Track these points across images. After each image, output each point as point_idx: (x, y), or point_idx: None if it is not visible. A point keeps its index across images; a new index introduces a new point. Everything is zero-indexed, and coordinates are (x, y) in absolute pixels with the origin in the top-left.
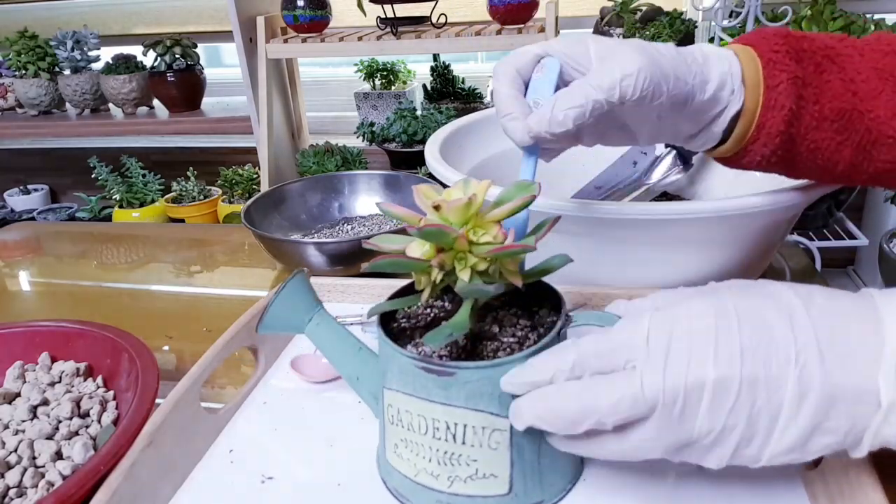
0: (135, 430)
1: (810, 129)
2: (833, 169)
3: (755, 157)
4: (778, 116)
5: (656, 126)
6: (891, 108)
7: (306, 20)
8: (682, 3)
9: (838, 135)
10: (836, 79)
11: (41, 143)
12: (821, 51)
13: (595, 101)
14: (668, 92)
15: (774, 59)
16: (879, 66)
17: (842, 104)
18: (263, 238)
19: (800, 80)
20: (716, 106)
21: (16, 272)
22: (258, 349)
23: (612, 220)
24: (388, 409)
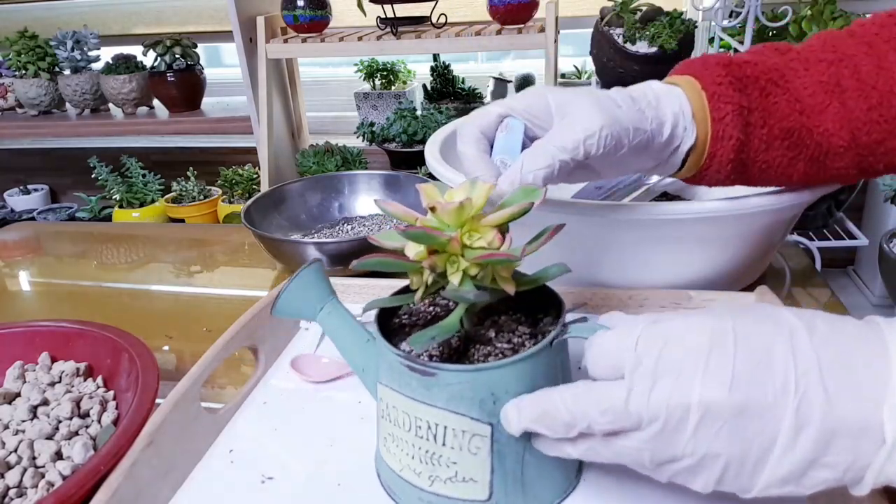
0: (135, 430)
1: (760, 151)
2: (788, 180)
3: (711, 180)
4: (727, 146)
5: (619, 167)
6: (839, 120)
7: (306, 20)
8: (682, 3)
9: (790, 151)
10: (782, 100)
11: (41, 143)
12: (764, 75)
13: (561, 160)
14: (629, 143)
15: (718, 92)
16: (824, 80)
17: (790, 124)
18: (263, 238)
19: (745, 109)
20: (672, 143)
21: (16, 272)
22: (258, 349)
23: (612, 220)
24: (380, 403)
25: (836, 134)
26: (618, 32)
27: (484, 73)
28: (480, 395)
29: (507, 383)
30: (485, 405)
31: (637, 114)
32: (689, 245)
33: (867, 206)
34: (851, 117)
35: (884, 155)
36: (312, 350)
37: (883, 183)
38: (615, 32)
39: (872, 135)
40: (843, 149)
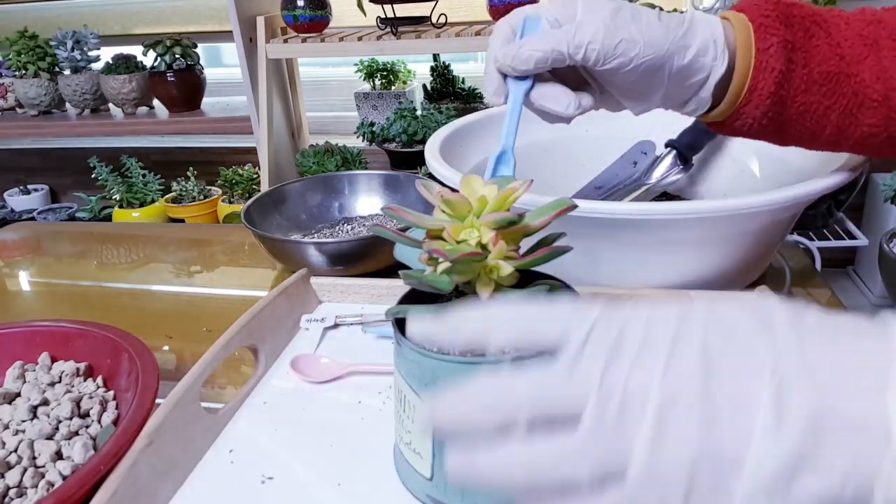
0: (135, 430)
1: (799, 91)
2: (821, 133)
3: (747, 119)
4: (769, 78)
5: (637, 91)
6: (875, 73)
7: (306, 20)
8: (682, 4)
9: (826, 98)
10: (823, 43)
11: (41, 143)
12: (809, 17)
13: (558, 51)
14: (639, 58)
15: (765, 24)
16: (864, 34)
17: (829, 67)
18: (263, 238)
19: (789, 44)
20: (698, 72)
21: (16, 272)
22: (258, 349)
23: (612, 220)
24: None
25: (871, 86)
26: None
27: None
28: (426, 379)
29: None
30: (429, 389)
31: (657, 30)
32: (689, 245)
33: (867, 206)
34: (886, 75)
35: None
36: (312, 350)
37: (883, 183)
38: None
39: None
40: (877, 103)
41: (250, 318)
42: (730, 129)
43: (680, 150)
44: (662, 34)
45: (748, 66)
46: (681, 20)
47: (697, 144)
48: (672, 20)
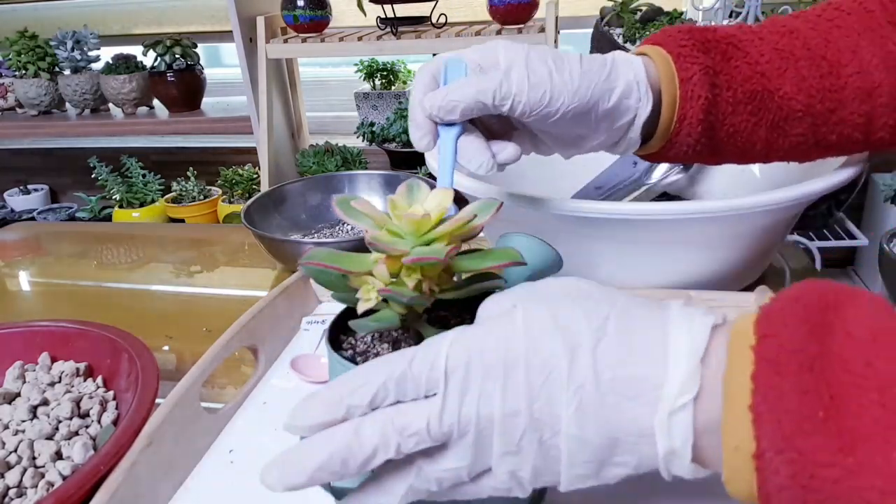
0: (135, 430)
1: (727, 114)
2: (752, 149)
3: (681, 147)
4: (696, 106)
5: (565, 136)
6: (796, 84)
7: (306, 20)
8: (682, 3)
9: (753, 116)
10: (742, 63)
11: (41, 143)
12: (724, 39)
13: (482, 103)
14: (564, 107)
15: (683, 53)
16: (779, 47)
17: (752, 86)
18: (263, 238)
19: (710, 70)
20: (625, 114)
21: (16, 272)
22: (258, 349)
23: (612, 220)
24: None
25: (794, 98)
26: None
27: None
28: None
29: None
30: None
31: (580, 79)
32: (688, 245)
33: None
34: (805, 84)
35: (836, 125)
36: (312, 350)
37: (883, 183)
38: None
39: (825, 103)
40: (801, 113)
41: (250, 318)
42: (664, 159)
43: None
44: (586, 81)
45: (674, 98)
46: (602, 63)
47: None
48: (593, 64)
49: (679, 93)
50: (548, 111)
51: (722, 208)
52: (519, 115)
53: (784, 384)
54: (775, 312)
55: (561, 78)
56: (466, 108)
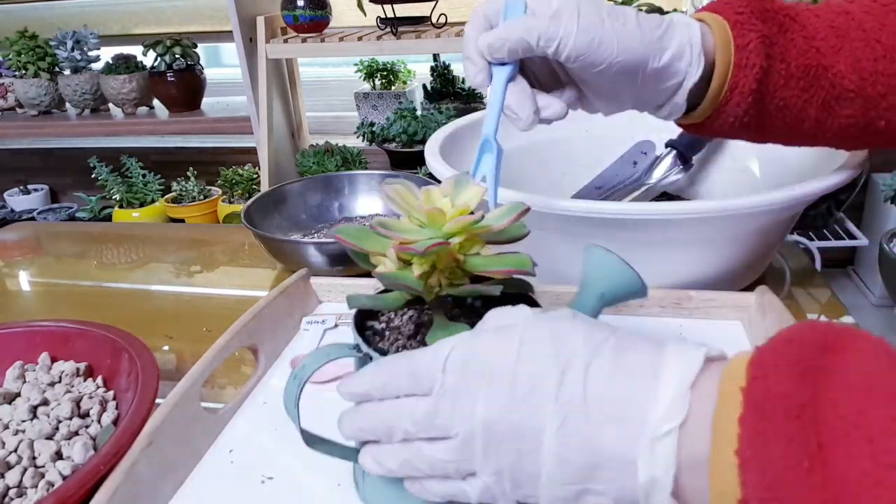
0: (135, 430)
1: (779, 87)
2: (800, 126)
3: (728, 118)
4: (750, 75)
5: (611, 92)
6: (850, 63)
7: (306, 20)
8: (682, 4)
9: (804, 92)
10: (798, 37)
11: (41, 143)
12: (782, 11)
13: (526, 42)
14: (612, 59)
15: (741, 21)
16: (835, 25)
17: (806, 61)
18: (263, 238)
19: (767, 39)
20: (673, 76)
21: (16, 272)
22: (258, 349)
23: (612, 220)
24: None
25: (846, 76)
26: None
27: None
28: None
29: None
30: None
31: (633, 31)
32: (689, 245)
33: (867, 206)
34: (859, 65)
35: (886, 110)
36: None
37: (883, 183)
38: None
39: (877, 86)
40: (853, 94)
41: (250, 318)
42: (708, 130)
43: (680, 150)
44: (638, 36)
45: (728, 65)
46: (658, 22)
47: (697, 144)
48: (649, 22)
49: (734, 59)
50: (594, 59)
51: (722, 208)
52: (564, 60)
53: (769, 430)
54: (768, 353)
55: (613, 27)
56: (513, 47)
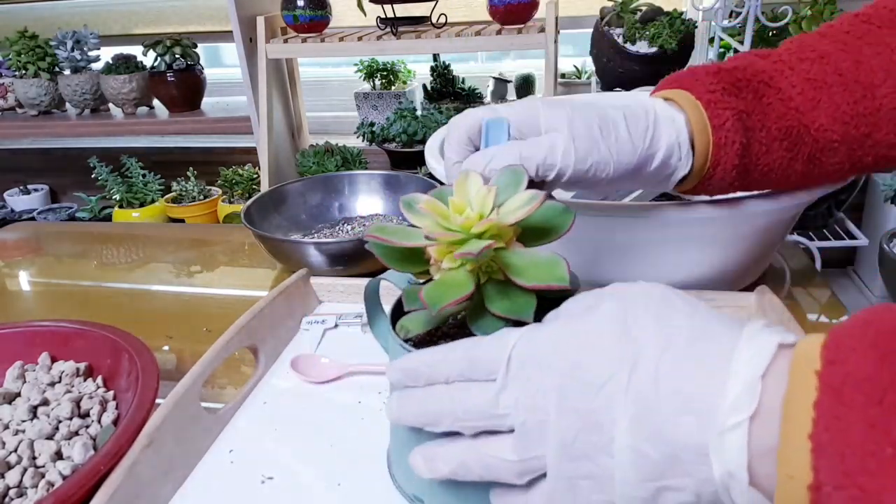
0: (135, 430)
1: (761, 154)
2: (787, 181)
3: (713, 189)
4: (730, 152)
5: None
6: (830, 114)
7: (306, 20)
8: (683, 3)
9: (788, 152)
10: (775, 100)
11: (41, 143)
12: (755, 77)
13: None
14: (611, 174)
15: (714, 100)
16: (811, 77)
17: (786, 123)
18: (263, 238)
19: (743, 113)
20: (664, 171)
21: (16, 272)
22: (258, 349)
23: (612, 220)
24: None
25: (829, 129)
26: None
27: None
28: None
29: None
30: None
31: (625, 145)
32: (689, 245)
33: (867, 206)
34: (839, 112)
35: (872, 148)
36: (312, 350)
37: (883, 183)
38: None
39: (860, 128)
40: (837, 143)
41: (250, 318)
42: (697, 194)
43: None
44: (630, 149)
45: (707, 145)
46: (645, 126)
47: None
48: (637, 126)
49: (713, 139)
50: (591, 179)
51: (722, 208)
52: (561, 185)
53: (849, 415)
54: (844, 336)
55: (607, 147)
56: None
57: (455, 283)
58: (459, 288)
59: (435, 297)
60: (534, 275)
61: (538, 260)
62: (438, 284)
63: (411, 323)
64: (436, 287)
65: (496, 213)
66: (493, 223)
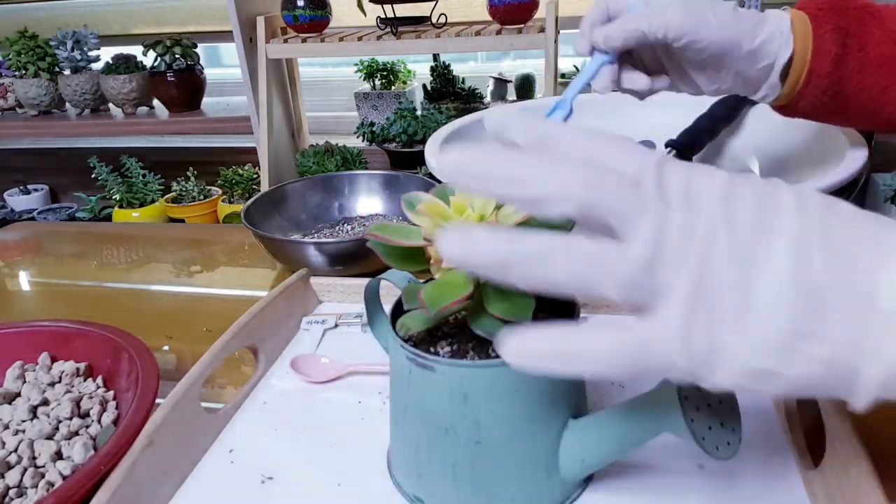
0: (135, 430)
1: (855, 72)
2: (881, 111)
3: (809, 99)
4: (825, 60)
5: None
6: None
7: (306, 20)
8: None
9: (884, 79)
10: (877, 29)
11: (41, 143)
12: (862, 7)
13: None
14: (712, 39)
15: (819, 14)
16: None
17: (884, 50)
18: (263, 238)
19: (842, 30)
20: (765, 57)
21: (16, 272)
22: (258, 349)
23: None
24: None
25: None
26: None
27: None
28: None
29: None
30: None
31: (730, 17)
32: None
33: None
34: None
35: None
36: (312, 350)
37: (883, 183)
38: None
39: None
40: None
41: (250, 318)
42: (795, 112)
43: (680, 150)
44: (735, 20)
45: (806, 51)
46: (754, 13)
47: (697, 144)
48: (747, 13)
49: (812, 47)
50: (694, 38)
51: None
52: (672, 41)
53: None
54: None
55: (713, 13)
56: (628, 37)
57: (454, 284)
58: (458, 289)
59: (434, 297)
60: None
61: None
62: (438, 285)
63: (412, 321)
64: (435, 288)
65: (496, 215)
66: (494, 225)
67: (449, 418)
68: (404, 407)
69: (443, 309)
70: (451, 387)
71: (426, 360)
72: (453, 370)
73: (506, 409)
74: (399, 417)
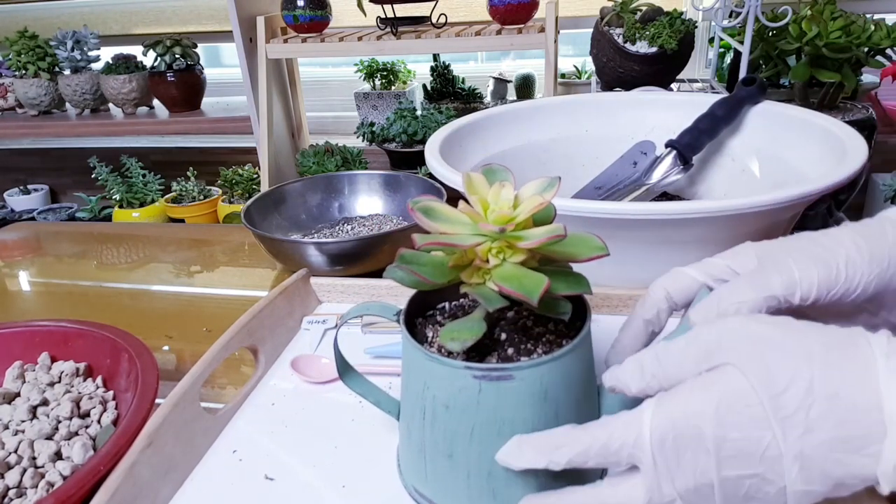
0: (135, 430)
1: None
2: None
3: None
4: None
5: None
6: None
7: (306, 20)
8: (683, 3)
9: None
10: None
11: (41, 143)
12: None
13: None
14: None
15: None
16: None
17: None
18: (263, 238)
19: None
20: None
21: (16, 272)
22: (258, 349)
23: (612, 220)
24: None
25: None
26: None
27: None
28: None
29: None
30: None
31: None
32: (689, 245)
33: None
34: None
35: None
36: (312, 350)
37: (883, 183)
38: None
39: None
40: None
41: (250, 318)
42: None
43: (680, 150)
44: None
45: None
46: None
47: (697, 144)
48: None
49: None
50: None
51: (722, 208)
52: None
53: None
54: None
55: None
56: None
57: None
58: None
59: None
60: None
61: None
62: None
63: (461, 333)
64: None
65: (515, 202)
66: (527, 217)
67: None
68: (469, 431)
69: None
70: (532, 389)
71: (504, 370)
72: (533, 371)
73: (573, 391)
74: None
